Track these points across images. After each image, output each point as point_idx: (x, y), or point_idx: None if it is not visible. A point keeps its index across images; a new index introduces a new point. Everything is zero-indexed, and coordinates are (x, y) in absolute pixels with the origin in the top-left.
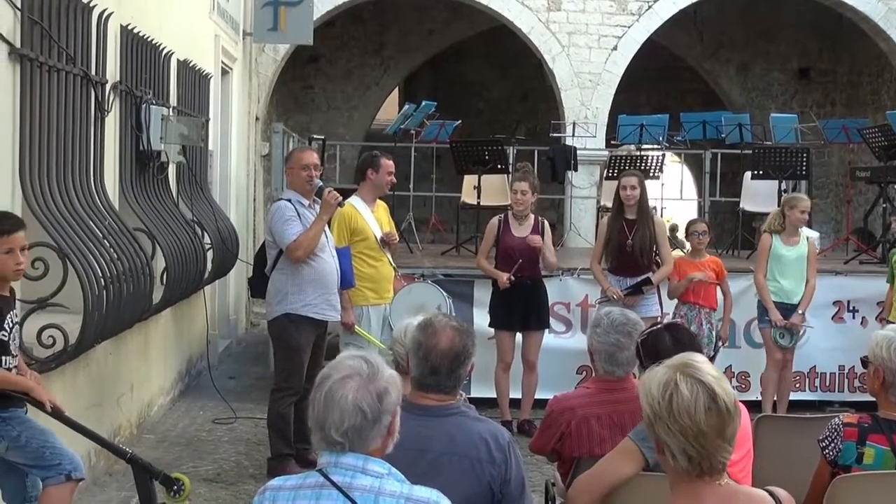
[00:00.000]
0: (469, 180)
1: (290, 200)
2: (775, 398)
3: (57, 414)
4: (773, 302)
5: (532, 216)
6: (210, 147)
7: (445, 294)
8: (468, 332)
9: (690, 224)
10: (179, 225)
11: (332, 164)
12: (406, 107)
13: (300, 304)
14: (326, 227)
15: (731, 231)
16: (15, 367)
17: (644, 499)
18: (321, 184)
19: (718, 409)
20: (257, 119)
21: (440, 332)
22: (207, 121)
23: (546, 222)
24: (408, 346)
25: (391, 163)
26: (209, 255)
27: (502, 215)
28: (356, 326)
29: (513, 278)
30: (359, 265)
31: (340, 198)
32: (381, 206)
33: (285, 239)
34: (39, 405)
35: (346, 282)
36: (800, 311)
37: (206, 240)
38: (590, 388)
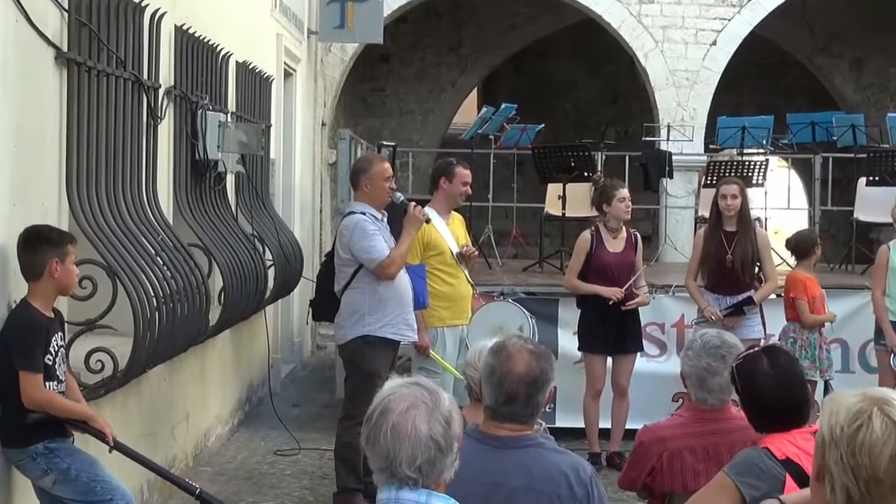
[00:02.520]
0: (553, 189)
1: (364, 213)
2: None
3: (120, 447)
4: (891, 322)
5: (624, 229)
6: (272, 155)
7: (528, 314)
8: (546, 356)
9: (803, 237)
10: (238, 240)
11: (404, 172)
12: (484, 110)
13: (378, 324)
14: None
15: (845, 243)
16: (62, 392)
17: None
18: (402, 197)
19: None
20: (323, 124)
21: (515, 355)
22: (269, 127)
23: (639, 236)
24: (481, 371)
25: (467, 172)
26: (271, 272)
27: (593, 228)
28: (430, 350)
29: (621, 295)
30: (433, 283)
31: (427, 215)
32: (457, 217)
33: (375, 255)
34: (100, 436)
35: (420, 302)
36: None
37: (268, 256)
38: (683, 417)
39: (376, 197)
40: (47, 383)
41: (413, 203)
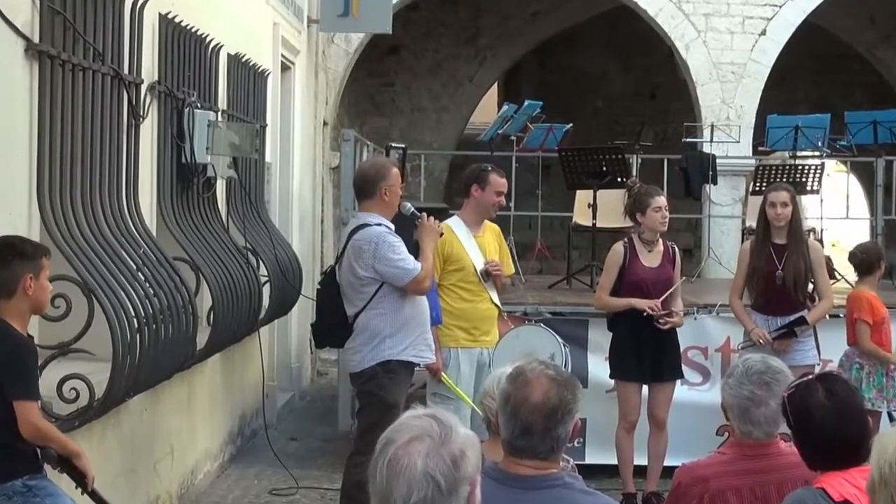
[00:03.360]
0: (583, 197)
1: (381, 225)
2: None
3: (96, 497)
4: None
5: (661, 241)
6: (267, 159)
7: (562, 342)
8: (569, 384)
9: (870, 249)
10: (229, 254)
11: (415, 177)
12: (506, 107)
13: (400, 346)
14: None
15: None
16: None
17: None
18: (412, 207)
19: None
20: (325, 124)
21: (532, 382)
22: (264, 127)
23: (677, 249)
24: (498, 400)
25: (503, 181)
26: (266, 289)
27: (626, 240)
28: (442, 373)
29: (657, 308)
30: (449, 298)
31: (442, 225)
32: (491, 230)
33: (410, 270)
34: (80, 479)
35: (433, 317)
36: None
37: (263, 271)
38: (726, 453)
39: (392, 207)
40: None
41: (426, 214)
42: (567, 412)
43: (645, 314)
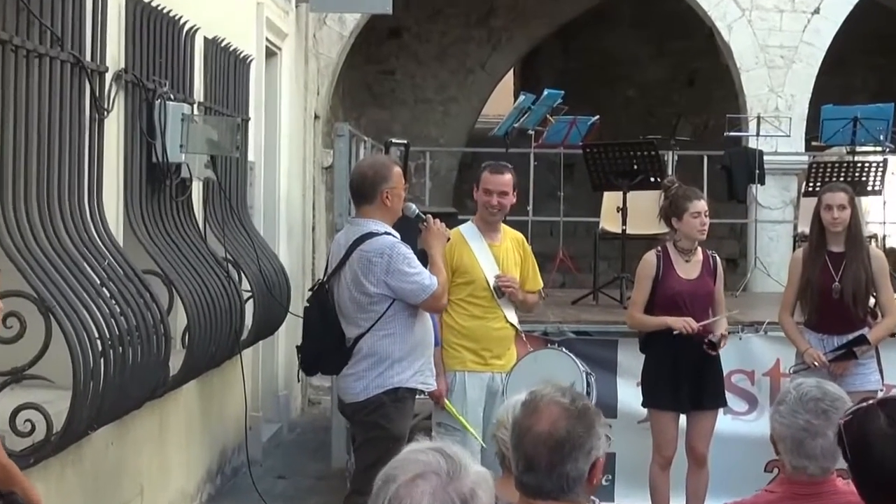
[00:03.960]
0: (611, 199)
1: (389, 234)
2: None
3: None
4: None
5: (700, 250)
6: (250, 157)
7: (584, 369)
8: (583, 415)
9: None
10: (207, 266)
11: (419, 178)
12: (522, 97)
13: (409, 372)
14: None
15: None
16: None
17: None
18: (416, 209)
19: None
20: (317, 117)
21: (541, 409)
22: (246, 121)
23: (719, 259)
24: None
25: (497, 177)
26: (249, 307)
27: (660, 249)
28: (445, 399)
29: (695, 328)
30: (456, 315)
31: (449, 232)
32: (513, 238)
33: (428, 283)
34: None
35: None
36: None
37: (245, 286)
38: (775, 492)
39: (395, 212)
40: None
41: (432, 219)
42: (577, 447)
43: (676, 332)
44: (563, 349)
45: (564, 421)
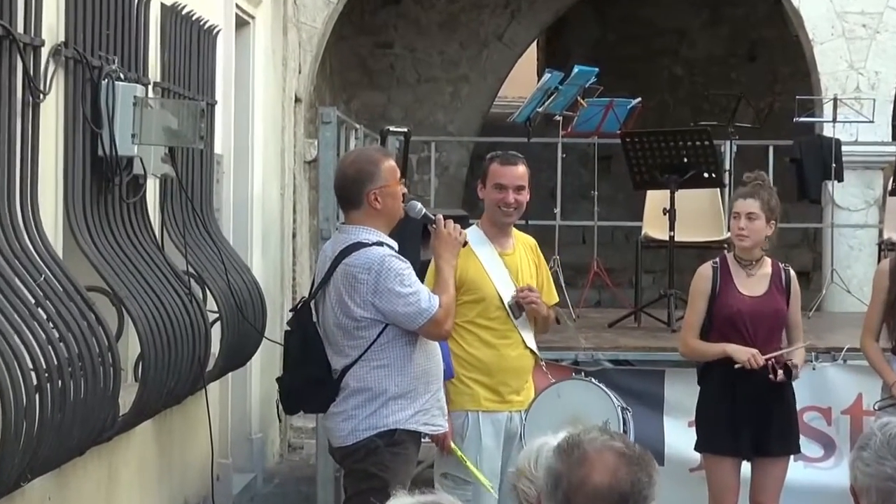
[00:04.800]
0: (655, 199)
1: (382, 244)
2: None
3: None
4: None
5: (768, 261)
6: (218, 150)
7: (618, 402)
8: (643, 461)
9: None
10: (164, 282)
11: (423, 173)
12: (548, 76)
13: (409, 410)
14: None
15: None
16: None
17: None
18: (423, 209)
19: None
20: (298, 101)
21: (593, 458)
22: (212, 105)
23: (793, 273)
24: (540, 481)
25: (506, 168)
26: (216, 331)
27: (717, 261)
28: (452, 444)
29: (762, 362)
30: (465, 342)
31: (465, 233)
32: (524, 243)
33: (426, 305)
34: None
35: (444, 367)
36: None
37: (211, 306)
38: None
39: (391, 215)
40: None
41: (440, 217)
42: (641, 500)
43: (736, 366)
44: (593, 380)
45: (625, 469)
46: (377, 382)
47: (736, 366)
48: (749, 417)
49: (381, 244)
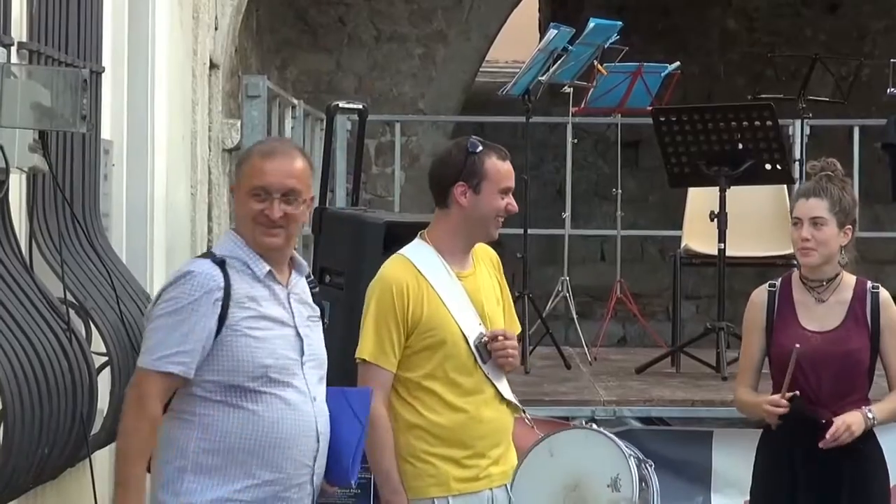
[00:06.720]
0: (700, 200)
1: (212, 258)
2: None
3: None
4: None
5: (850, 281)
6: (106, 134)
7: (630, 451)
8: None
9: None
10: (32, 313)
11: (384, 164)
12: (553, 32)
13: (212, 494)
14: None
15: None
16: None
17: None
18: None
19: None
20: (214, 67)
21: None
22: (98, 75)
23: (885, 296)
24: None
25: (508, 166)
26: (104, 378)
27: (777, 282)
28: None
29: (786, 402)
30: (421, 406)
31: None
32: (481, 255)
33: (143, 354)
34: None
35: (340, 471)
36: None
37: (98, 346)
38: None
39: (244, 217)
40: None
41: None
42: None
43: (773, 425)
44: (594, 426)
45: None
46: (179, 439)
47: (772, 421)
48: (812, 493)
49: (210, 256)
